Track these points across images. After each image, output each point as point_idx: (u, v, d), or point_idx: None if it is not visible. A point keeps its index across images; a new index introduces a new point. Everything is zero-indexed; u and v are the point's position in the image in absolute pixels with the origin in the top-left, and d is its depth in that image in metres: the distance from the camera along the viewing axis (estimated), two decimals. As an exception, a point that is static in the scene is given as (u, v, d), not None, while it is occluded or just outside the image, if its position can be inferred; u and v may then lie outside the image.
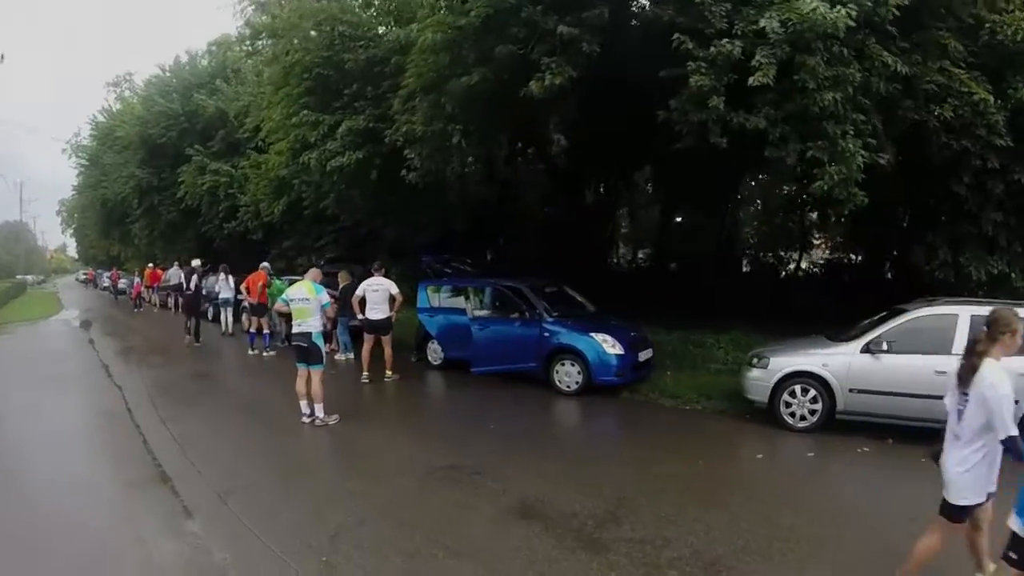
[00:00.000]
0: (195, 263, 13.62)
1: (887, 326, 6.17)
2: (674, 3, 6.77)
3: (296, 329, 6.67)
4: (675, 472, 5.24)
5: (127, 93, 27.74)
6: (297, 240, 17.55)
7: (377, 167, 10.27)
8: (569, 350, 7.96)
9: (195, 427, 6.73)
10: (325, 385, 6.67)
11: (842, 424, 6.19)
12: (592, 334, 7.88)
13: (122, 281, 28.59)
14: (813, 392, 6.29)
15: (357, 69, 10.23)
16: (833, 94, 6.34)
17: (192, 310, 12.87)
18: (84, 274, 52.23)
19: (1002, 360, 2.96)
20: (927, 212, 8.94)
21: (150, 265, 23.50)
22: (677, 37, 6.48)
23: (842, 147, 6.47)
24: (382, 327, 8.67)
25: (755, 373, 6.69)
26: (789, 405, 6.40)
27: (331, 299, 7.06)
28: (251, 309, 11.50)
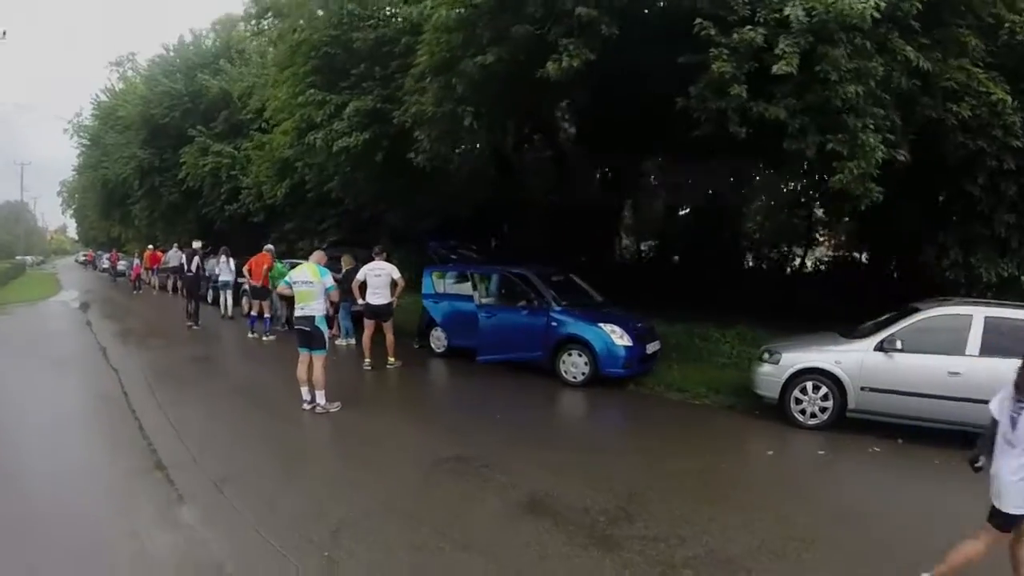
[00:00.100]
0: (196, 245, 13.53)
1: (901, 324, 6.05)
2: (697, -12, 6.58)
3: (299, 313, 6.52)
4: (686, 468, 5.15)
5: (130, 72, 27.40)
6: (299, 223, 17.40)
7: (384, 149, 10.10)
8: (577, 340, 7.83)
9: (192, 412, 6.58)
10: (327, 371, 6.52)
11: (852, 422, 6.09)
12: (601, 324, 7.75)
13: (121, 263, 28.26)
14: (825, 389, 6.18)
15: (365, 48, 10.02)
16: (855, 87, 6.22)
17: (192, 292, 12.80)
18: (84, 255, 51.86)
19: None
20: (938, 211, 8.85)
21: (150, 247, 23.26)
22: (699, 23, 6.31)
23: (862, 141, 6.36)
24: (383, 312, 8.54)
25: (766, 368, 6.57)
26: (800, 402, 6.29)
27: (335, 283, 6.93)
28: (252, 292, 11.36)
